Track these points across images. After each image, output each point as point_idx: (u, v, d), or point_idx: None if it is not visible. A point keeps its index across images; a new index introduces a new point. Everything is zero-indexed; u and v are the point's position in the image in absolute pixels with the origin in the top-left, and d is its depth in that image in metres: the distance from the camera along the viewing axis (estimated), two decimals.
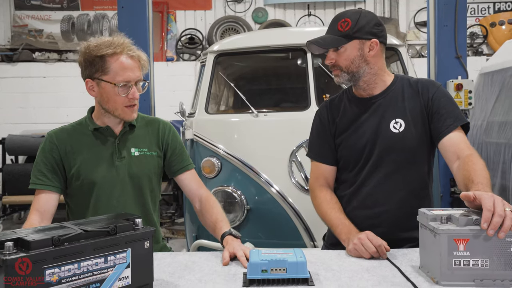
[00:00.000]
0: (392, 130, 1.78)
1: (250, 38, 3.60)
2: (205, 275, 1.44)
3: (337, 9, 8.19)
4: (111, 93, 1.68)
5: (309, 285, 1.32)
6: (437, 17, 4.32)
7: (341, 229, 1.73)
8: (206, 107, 3.22)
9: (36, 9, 8.22)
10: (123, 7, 4.38)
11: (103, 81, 1.68)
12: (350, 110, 1.87)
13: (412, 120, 1.78)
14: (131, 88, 1.69)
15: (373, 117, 1.81)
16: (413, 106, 1.79)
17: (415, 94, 1.80)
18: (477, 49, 7.71)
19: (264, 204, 2.86)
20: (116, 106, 1.71)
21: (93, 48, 1.66)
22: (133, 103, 1.72)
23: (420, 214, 1.42)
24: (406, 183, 1.78)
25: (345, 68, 1.77)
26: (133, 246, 1.24)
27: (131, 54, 1.69)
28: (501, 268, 1.27)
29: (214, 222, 1.76)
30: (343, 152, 1.87)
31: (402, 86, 1.83)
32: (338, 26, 1.75)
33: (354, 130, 1.84)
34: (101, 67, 1.67)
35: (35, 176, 1.73)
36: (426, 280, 1.34)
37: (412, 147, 1.77)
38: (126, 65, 1.67)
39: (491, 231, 1.24)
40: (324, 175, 1.91)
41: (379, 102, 1.82)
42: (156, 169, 1.86)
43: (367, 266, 1.49)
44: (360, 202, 1.83)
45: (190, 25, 8.16)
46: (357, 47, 1.75)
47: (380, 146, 1.78)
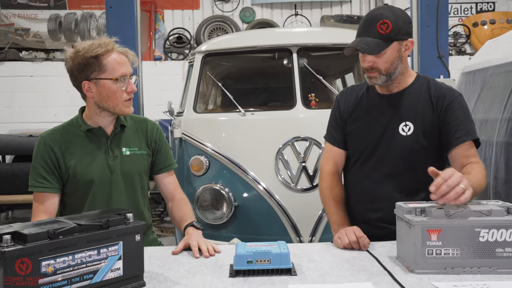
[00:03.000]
0: (400, 133, 1.79)
1: (237, 39, 3.67)
2: (193, 267, 1.51)
3: (323, 9, 8.29)
4: (112, 89, 1.74)
5: (292, 275, 1.40)
6: (420, 18, 4.44)
7: (335, 218, 1.83)
8: (194, 106, 3.28)
9: (22, 7, 8.18)
10: (111, 7, 4.42)
11: (102, 79, 1.73)
12: (366, 103, 1.88)
13: (422, 126, 1.77)
14: (128, 81, 1.76)
15: (385, 115, 1.82)
16: (426, 112, 1.78)
17: (430, 100, 1.79)
18: (460, 49, 7.87)
19: (251, 201, 2.93)
20: (117, 102, 1.76)
21: (85, 51, 1.71)
22: (131, 96, 1.79)
23: (397, 207, 1.51)
24: (407, 186, 1.80)
25: (384, 71, 1.74)
26: (124, 239, 1.30)
27: (120, 50, 1.77)
28: (470, 256, 1.36)
29: (181, 217, 1.87)
30: (350, 142, 1.92)
31: (421, 89, 1.81)
32: (378, 29, 1.69)
33: (364, 124, 1.86)
34: (97, 67, 1.72)
35: (35, 180, 1.77)
36: (402, 269, 1.43)
37: (416, 152, 1.78)
38: (120, 60, 1.75)
39: (434, 196, 1.35)
40: (334, 158, 1.95)
41: (395, 101, 1.82)
42: (146, 167, 1.92)
43: (348, 257, 1.57)
44: (361, 196, 1.89)
45: (178, 24, 8.20)
46: (397, 49, 1.73)
47: (385, 146, 1.82)
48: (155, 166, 1.96)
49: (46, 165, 1.76)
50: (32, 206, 1.76)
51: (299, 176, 2.87)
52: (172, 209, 1.97)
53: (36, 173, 1.77)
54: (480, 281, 1.30)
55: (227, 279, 1.39)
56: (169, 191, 1.99)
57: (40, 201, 1.76)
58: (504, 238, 1.35)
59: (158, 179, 2.00)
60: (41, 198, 1.76)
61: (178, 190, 2.02)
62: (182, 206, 1.93)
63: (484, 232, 1.35)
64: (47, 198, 1.76)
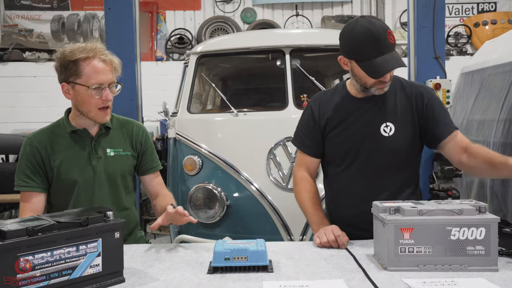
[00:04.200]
0: (382, 134, 1.82)
1: (231, 40, 3.70)
2: (174, 263, 1.55)
3: (324, 9, 8.31)
4: (85, 95, 1.78)
5: (268, 272, 1.43)
6: (416, 18, 4.44)
7: (314, 219, 1.86)
8: (188, 106, 3.32)
9: (26, 9, 8.27)
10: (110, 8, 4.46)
11: (77, 84, 1.78)
12: (343, 108, 1.89)
13: (402, 124, 1.82)
14: (104, 90, 1.79)
15: (364, 117, 1.84)
16: (404, 110, 1.82)
17: (407, 99, 1.84)
18: (461, 49, 7.85)
19: (243, 201, 2.96)
20: (90, 108, 1.80)
21: (67, 54, 1.75)
22: (106, 105, 1.81)
23: (374, 206, 1.54)
24: (394, 184, 1.85)
25: (392, 78, 1.80)
26: (103, 236, 1.34)
27: (104, 58, 1.79)
28: (442, 254, 1.39)
29: (163, 206, 1.87)
30: (332, 148, 1.93)
31: (395, 88, 1.85)
32: (389, 40, 1.70)
33: (344, 128, 1.88)
34: (75, 71, 1.76)
35: (20, 179, 1.82)
36: (376, 266, 1.46)
37: (400, 151, 1.83)
38: (99, 68, 1.77)
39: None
40: (306, 165, 1.98)
41: (372, 103, 1.84)
42: (131, 168, 1.97)
43: (326, 255, 1.61)
44: (348, 200, 1.90)
45: (179, 25, 8.25)
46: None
47: (368, 149, 1.84)
48: (141, 167, 2.00)
49: (32, 166, 1.81)
50: (19, 205, 1.81)
51: (290, 176, 2.90)
52: (155, 205, 2.01)
53: (22, 173, 1.82)
54: (449, 278, 1.33)
55: (204, 275, 1.42)
56: (155, 190, 2.04)
57: (26, 200, 1.81)
58: (474, 237, 1.38)
59: (144, 180, 2.04)
60: (27, 197, 1.81)
61: (164, 189, 2.06)
62: (165, 198, 1.98)
63: (455, 231, 1.38)
64: (33, 197, 1.81)
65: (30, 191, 1.81)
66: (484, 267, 1.38)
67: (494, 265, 1.38)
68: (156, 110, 5.77)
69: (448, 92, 4.36)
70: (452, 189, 4.15)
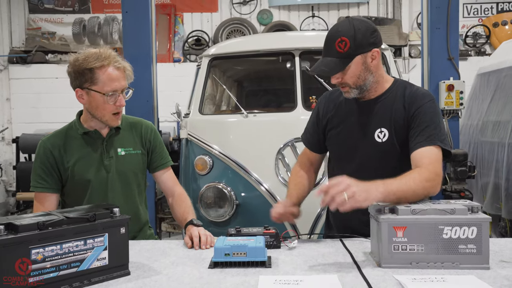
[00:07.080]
0: (376, 139, 1.81)
1: (242, 43, 3.79)
2: (178, 259, 1.63)
3: (340, 11, 8.31)
4: (100, 101, 1.86)
5: (266, 267, 1.50)
6: (429, 19, 4.44)
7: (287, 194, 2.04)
8: (199, 108, 3.41)
9: (49, 12, 8.50)
10: (127, 12, 4.58)
11: (93, 90, 1.85)
12: (344, 109, 1.91)
13: (396, 131, 1.78)
14: (118, 96, 1.87)
15: (361, 121, 1.85)
16: (398, 117, 1.78)
17: (403, 105, 1.79)
18: (479, 49, 7.76)
19: (253, 200, 3.04)
20: (104, 113, 1.89)
21: (82, 61, 1.82)
22: (119, 110, 1.90)
23: (370, 206, 1.59)
24: None
25: (353, 85, 1.77)
26: (110, 231, 1.43)
27: (117, 65, 1.86)
28: (434, 252, 1.43)
29: (182, 213, 1.99)
30: (331, 147, 1.98)
31: (396, 94, 1.82)
32: (336, 47, 1.71)
33: (342, 130, 1.91)
34: (90, 78, 1.83)
35: (35, 180, 1.93)
36: (371, 263, 1.51)
37: (393, 157, 1.80)
38: (114, 76, 1.85)
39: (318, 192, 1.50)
40: (310, 160, 2.07)
41: (371, 107, 1.84)
42: (141, 166, 2.05)
43: (324, 252, 1.66)
44: None
45: (196, 27, 8.36)
46: (360, 62, 1.74)
47: (362, 152, 1.85)
48: (151, 164, 2.08)
49: (45, 167, 1.91)
50: (33, 204, 1.93)
51: None
52: (172, 205, 2.09)
53: (36, 174, 1.92)
54: (440, 274, 1.37)
55: (205, 270, 1.50)
56: (168, 187, 2.11)
57: (40, 200, 1.92)
58: (466, 236, 1.42)
59: (156, 176, 2.12)
60: (41, 198, 1.92)
61: (177, 185, 2.13)
62: (182, 202, 2.05)
63: (447, 230, 1.42)
64: (46, 197, 1.92)
65: (44, 191, 1.92)
66: (476, 265, 1.41)
67: (486, 263, 1.41)
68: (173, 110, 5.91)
69: (462, 94, 4.34)
70: (465, 190, 4.14)
